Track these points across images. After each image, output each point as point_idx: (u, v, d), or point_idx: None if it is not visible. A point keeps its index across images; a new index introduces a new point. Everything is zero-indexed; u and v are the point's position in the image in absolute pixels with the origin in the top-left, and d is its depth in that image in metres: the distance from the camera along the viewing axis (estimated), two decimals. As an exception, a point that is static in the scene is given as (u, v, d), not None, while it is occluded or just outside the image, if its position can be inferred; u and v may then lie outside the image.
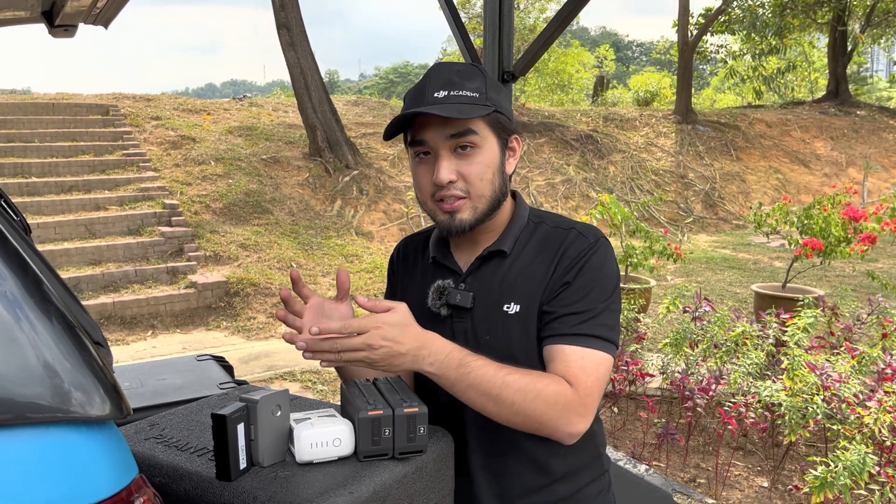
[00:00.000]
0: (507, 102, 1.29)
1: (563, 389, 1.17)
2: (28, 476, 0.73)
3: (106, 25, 2.14)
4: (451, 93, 1.21)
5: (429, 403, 1.18)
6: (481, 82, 1.24)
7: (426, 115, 1.20)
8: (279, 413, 1.15)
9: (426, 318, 1.31)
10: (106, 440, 0.79)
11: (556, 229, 1.32)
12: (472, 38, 2.92)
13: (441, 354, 1.14)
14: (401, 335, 1.11)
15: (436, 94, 1.22)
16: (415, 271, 1.43)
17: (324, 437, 1.13)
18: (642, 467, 3.13)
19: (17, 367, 0.73)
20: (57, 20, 1.96)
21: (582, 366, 1.20)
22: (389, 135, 1.26)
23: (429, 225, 1.44)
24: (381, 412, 1.14)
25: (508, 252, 1.31)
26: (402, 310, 1.13)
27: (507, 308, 1.27)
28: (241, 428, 1.09)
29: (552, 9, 22.57)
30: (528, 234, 1.33)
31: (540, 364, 1.25)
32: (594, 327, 1.22)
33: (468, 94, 1.22)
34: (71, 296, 0.82)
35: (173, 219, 8.81)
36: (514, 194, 1.38)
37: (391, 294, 1.50)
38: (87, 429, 0.77)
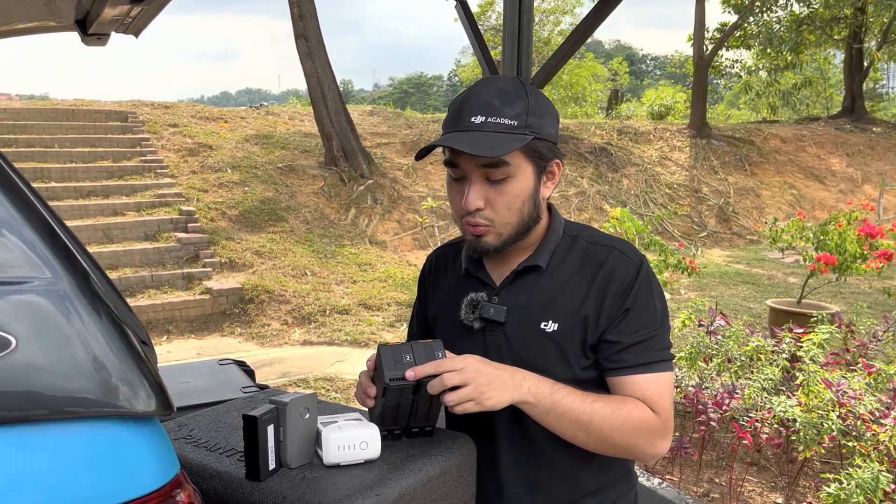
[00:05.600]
0: (551, 126, 1.24)
1: (646, 415, 1.21)
2: (77, 468, 0.75)
3: (137, 35, 2.19)
4: (489, 119, 1.18)
5: (460, 418, 1.18)
6: (523, 107, 1.20)
7: (457, 145, 1.17)
8: (307, 416, 1.17)
9: (458, 330, 1.32)
10: (151, 436, 0.81)
11: (594, 245, 1.30)
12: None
13: (534, 380, 1.17)
14: (492, 366, 1.15)
15: (472, 119, 1.19)
16: (446, 281, 1.42)
17: (351, 440, 1.15)
18: (655, 481, 3.11)
19: (67, 363, 0.75)
20: (90, 29, 2.01)
21: (657, 391, 1.23)
22: (421, 156, 1.25)
23: (452, 236, 1.44)
24: (400, 342, 1.20)
25: (544, 267, 1.29)
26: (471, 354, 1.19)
27: (545, 326, 1.26)
28: (270, 429, 1.12)
29: (566, 21, 22.65)
30: (564, 250, 1.30)
31: (574, 382, 1.24)
32: (660, 352, 1.25)
33: (506, 121, 1.18)
34: (117, 294, 0.85)
35: (189, 225, 8.89)
36: (550, 207, 1.34)
37: (421, 304, 1.49)
38: (133, 424, 0.79)
